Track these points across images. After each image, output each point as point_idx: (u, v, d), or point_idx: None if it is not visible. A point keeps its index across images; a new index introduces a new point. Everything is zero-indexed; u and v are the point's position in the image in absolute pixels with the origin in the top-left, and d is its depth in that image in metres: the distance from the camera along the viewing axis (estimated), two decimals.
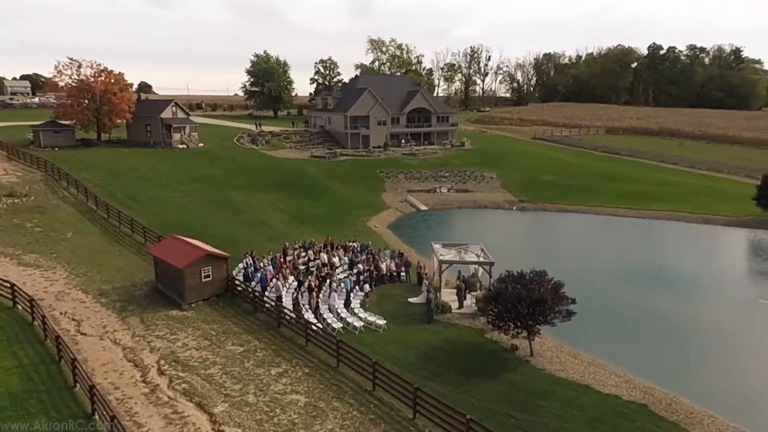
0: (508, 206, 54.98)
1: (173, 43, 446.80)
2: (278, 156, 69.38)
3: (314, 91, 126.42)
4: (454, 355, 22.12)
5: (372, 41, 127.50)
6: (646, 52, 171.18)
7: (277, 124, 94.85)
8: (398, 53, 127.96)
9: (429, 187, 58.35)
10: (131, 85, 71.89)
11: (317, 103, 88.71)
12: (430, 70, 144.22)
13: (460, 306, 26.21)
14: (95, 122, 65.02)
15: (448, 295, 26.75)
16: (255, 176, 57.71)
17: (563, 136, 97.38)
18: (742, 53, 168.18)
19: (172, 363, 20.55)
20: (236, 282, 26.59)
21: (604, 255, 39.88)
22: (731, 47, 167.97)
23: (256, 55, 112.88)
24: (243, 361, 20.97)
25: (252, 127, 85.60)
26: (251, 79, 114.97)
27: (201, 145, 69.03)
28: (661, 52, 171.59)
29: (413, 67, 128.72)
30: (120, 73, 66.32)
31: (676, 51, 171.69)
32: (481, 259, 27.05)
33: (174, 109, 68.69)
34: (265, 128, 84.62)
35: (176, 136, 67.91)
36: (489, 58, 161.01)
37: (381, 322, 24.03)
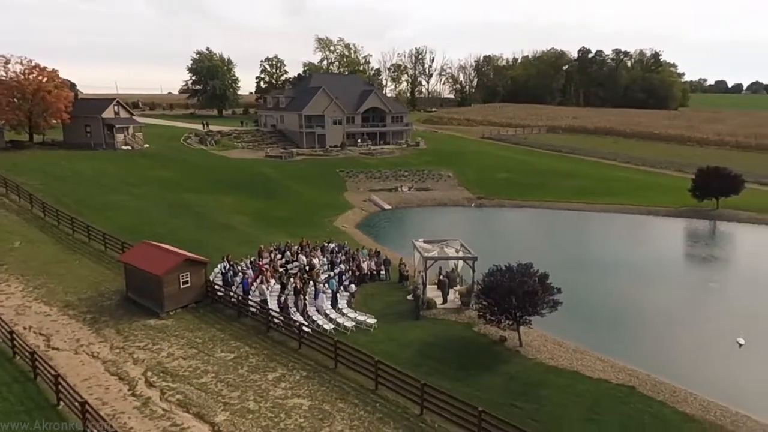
0: (467, 203, 56.39)
1: (94, 38, 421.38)
2: (231, 156, 67.32)
3: (259, 90, 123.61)
4: (447, 349, 22.41)
5: (319, 40, 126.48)
6: (576, 55, 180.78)
7: (224, 123, 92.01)
8: (346, 52, 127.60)
9: (390, 186, 58.77)
10: (67, 83, 67.26)
11: (268, 102, 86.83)
12: (378, 70, 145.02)
13: (444, 301, 26.58)
14: (27, 123, 60.25)
15: (432, 291, 27.07)
16: (210, 178, 55.67)
17: (509, 135, 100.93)
18: (660, 57, 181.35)
19: (161, 374, 19.49)
20: (216, 287, 25.59)
21: (562, 247, 41.70)
22: (651, 51, 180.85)
23: (198, 53, 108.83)
24: (236, 367, 20.23)
25: (198, 126, 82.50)
26: (193, 77, 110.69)
27: (146, 146, 65.69)
28: (590, 56, 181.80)
29: (361, 67, 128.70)
30: (54, 70, 61.81)
31: (603, 55, 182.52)
32: (461, 254, 27.55)
33: (116, 108, 64.89)
34: (213, 128, 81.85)
35: (119, 137, 64.18)
36: (433, 60, 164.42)
37: (372, 321, 23.94)
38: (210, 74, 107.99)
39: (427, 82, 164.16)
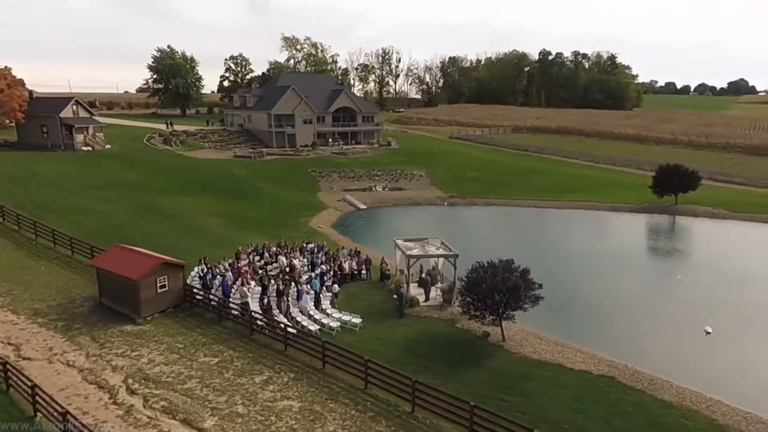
0: (440, 202, 56.94)
1: (41, 34, 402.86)
2: (198, 157, 65.78)
3: (223, 89, 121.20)
4: (433, 347, 22.59)
5: (286, 39, 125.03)
6: (537, 57, 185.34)
7: (189, 122, 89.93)
8: (313, 52, 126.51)
9: (364, 185, 58.68)
10: (21, 81, 64.12)
11: (234, 101, 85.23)
12: (346, 70, 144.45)
13: (427, 299, 26.78)
14: None
15: (413, 289, 27.22)
16: (178, 179, 54.22)
17: (477, 135, 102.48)
18: (616, 59, 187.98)
19: (142, 381, 18.87)
20: (194, 290, 24.96)
21: (534, 242, 42.56)
22: (608, 54, 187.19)
23: (160, 50, 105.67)
24: (221, 372, 19.79)
25: (162, 126, 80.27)
26: (154, 76, 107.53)
27: (108, 146, 63.39)
28: (550, 58, 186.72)
29: (329, 66, 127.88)
30: (6, 67, 58.92)
31: (563, 57, 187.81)
32: (442, 252, 27.82)
33: (75, 107, 62.29)
34: (178, 127, 79.80)
35: (79, 138, 61.68)
36: (399, 60, 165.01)
37: (357, 320, 23.88)
38: (172, 72, 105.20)
39: (395, 83, 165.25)
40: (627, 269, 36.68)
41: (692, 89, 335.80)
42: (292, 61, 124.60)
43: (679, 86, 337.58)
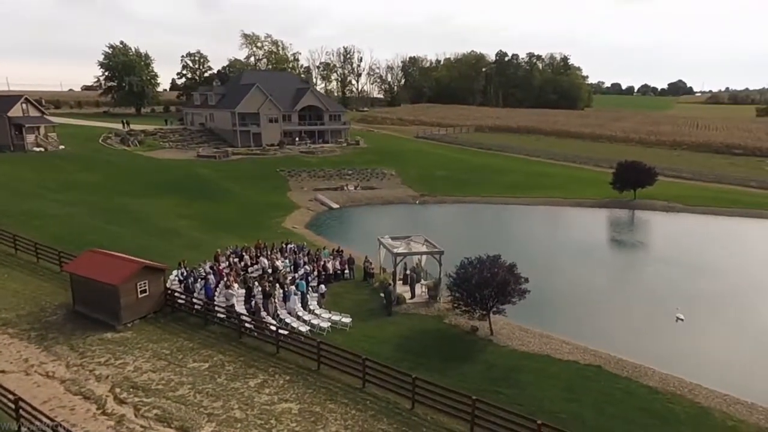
0: (412, 200, 57.30)
1: None
2: (159, 157, 63.59)
3: (175, 86, 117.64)
4: (424, 343, 22.72)
5: (245, 35, 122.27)
6: (494, 58, 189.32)
7: (146, 122, 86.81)
8: (274, 49, 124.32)
9: (336, 185, 58.31)
10: None
11: (195, 99, 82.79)
12: (308, 68, 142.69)
13: (413, 296, 26.94)
14: None
15: (399, 287, 27.29)
16: (141, 180, 52.26)
17: (442, 134, 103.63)
18: (569, 60, 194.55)
19: (131, 389, 18.11)
20: (176, 294, 24.14)
21: (506, 238, 43.35)
22: (561, 55, 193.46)
23: (112, 46, 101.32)
24: (213, 377, 19.24)
25: (117, 125, 77.07)
26: (106, 73, 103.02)
27: (62, 147, 60.35)
28: (506, 59, 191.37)
29: (290, 64, 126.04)
30: None
31: (519, 58, 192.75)
32: (424, 249, 28.02)
33: (25, 106, 59.07)
34: (135, 127, 76.79)
35: (30, 138, 58.52)
36: (361, 59, 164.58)
37: (347, 320, 23.73)
38: (126, 70, 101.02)
39: (357, 82, 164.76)
40: (596, 262, 38.27)
41: (636, 90, 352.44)
42: (252, 59, 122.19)
43: (624, 87, 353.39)
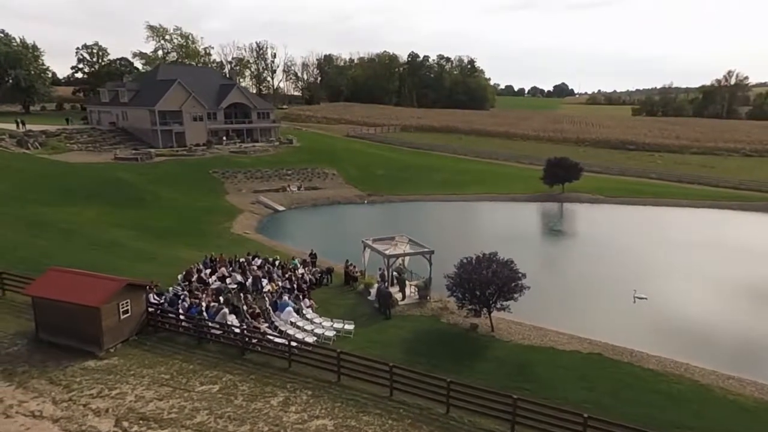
0: (359, 200, 56.81)
1: None
2: (70, 161, 56.97)
3: (69, 81, 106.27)
4: (430, 344, 22.53)
5: (152, 28, 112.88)
6: (407, 59, 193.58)
7: (40, 121, 77.42)
8: (184, 43, 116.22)
9: (276, 186, 56.01)
10: None
11: (102, 96, 75.16)
12: (221, 63, 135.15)
13: (404, 297, 26.65)
14: None
15: (390, 288, 26.81)
16: (55, 187, 46.41)
17: (371, 134, 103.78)
18: (475, 63, 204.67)
19: (140, 421, 15.97)
20: (161, 312, 21.71)
21: (460, 233, 44.72)
22: (468, 58, 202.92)
23: None
24: (229, 399, 17.55)
25: (10, 126, 67.69)
26: None
27: None
28: (418, 60, 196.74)
29: (202, 59, 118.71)
30: None
31: (430, 59, 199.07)
32: (416, 249, 27.87)
33: None
34: (33, 127, 68.04)
35: None
36: (275, 56, 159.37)
37: (350, 326, 22.86)
38: (10, 62, 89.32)
39: (272, 78, 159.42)
40: (547, 251, 41.07)
41: (526, 92, 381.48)
42: (160, 52, 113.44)
43: (516, 89, 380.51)
